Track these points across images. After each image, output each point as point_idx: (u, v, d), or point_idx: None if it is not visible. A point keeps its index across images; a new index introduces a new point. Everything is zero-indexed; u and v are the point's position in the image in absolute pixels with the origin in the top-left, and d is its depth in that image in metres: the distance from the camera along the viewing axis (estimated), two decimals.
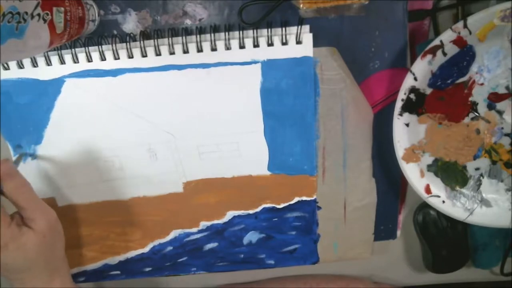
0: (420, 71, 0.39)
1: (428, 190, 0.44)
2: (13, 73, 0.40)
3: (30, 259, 0.37)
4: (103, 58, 0.39)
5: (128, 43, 0.39)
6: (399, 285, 0.58)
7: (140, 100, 0.42)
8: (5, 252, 0.35)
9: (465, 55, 0.38)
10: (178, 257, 0.51)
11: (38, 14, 0.29)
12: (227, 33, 0.38)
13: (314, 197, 0.47)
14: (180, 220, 0.49)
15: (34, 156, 0.44)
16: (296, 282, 0.56)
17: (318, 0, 0.37)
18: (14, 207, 0.37)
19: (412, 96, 0.40)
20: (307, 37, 0.39)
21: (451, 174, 0.44)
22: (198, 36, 0.39)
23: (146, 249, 0.50)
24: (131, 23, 0.40)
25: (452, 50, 0.38)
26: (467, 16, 0.36)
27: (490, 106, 0.40)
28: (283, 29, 0.38)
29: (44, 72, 0.40)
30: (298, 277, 0.56)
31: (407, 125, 0.42)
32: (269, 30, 0.39)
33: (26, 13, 0.27)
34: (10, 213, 0.37)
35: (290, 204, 0.48)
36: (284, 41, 0.39)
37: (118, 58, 0.39)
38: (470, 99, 0.40)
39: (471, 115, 0.41)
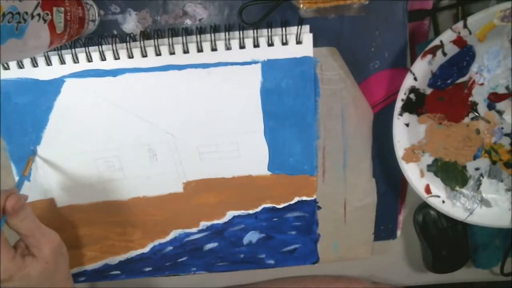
0: (420, 71, 0.39)
1: (428, 190, 0.44)
2: (13, 73, 0.40)
3: (33, 286, 0.37)
4: (103, 58, 0.39)
5: (128, 43, 0.39)
6: (399, 285, 0.58)
7: (140, 100, 0.42)
8: (10, 283, 0.36)
9: (465, 55, 0.38)
10: (178, 257, 0.51)
11: (38, 14, 0.29)
12: (227, 33, 0.38)
13: (314, 197, 0.47)
14: (180, 220, 0.49)
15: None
16: (295, 284, 0.56)
17: (318, 0, 0.37)
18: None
19: (412, 96, 0.40)
20: (307, 37, 0.39)
21: (451, 174, 0.44)
22: (198, 36, 0.39)
23: (146, 249, 0.50)
24: (131, 23, 0.40)
25: (452, 50, 0.38)
26: (467, 16, 0.36)
27: (490, 106, 0.40)
28: (283, 29, 0.38)
29: (44, 72, 0.40)
30: (297, 279, 0.56)
31: (407, 125, 0.42)
32: (269, 30, 0.39)
33: (26, 13, 0.27)
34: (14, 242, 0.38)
35: (290, 204, 0.48)
36: (284, 41, 0.39)
37: (118, 58, 0.39)
38: (470, 99, 0.41)
39: (471, 115, 0.41)
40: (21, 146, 0.44)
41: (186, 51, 0.39)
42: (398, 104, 0.41)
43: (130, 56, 0.39)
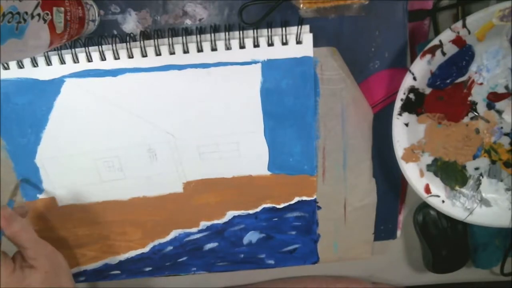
0: (419, 71, 0.39)
1: (427, 189, 0.44)
2: (13, 73, 0.40)
3: None
4: (103, 58, 0.39)
5: (128, 43, 0.39)
6: (399, 285, 0.58)
7: (140, 100, 0.42)
8: None
9: (464, 54, 0.38)
10: (178, 257, 0.51)
11: (38, 14, 0.29)
12: (227, 33, 0.39)
13: (314, 197, 0.47)
14: (180, 220, 0.49)
15: (37, 187, 0.46)
16: (295, 284, 0.56)
17: (318, 0, 0.37)
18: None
19: (411, 96, 0.40)
20: (307, 37, 0.39)
21: (451, 173, 0.44)
22: (198, 36, 0.39)
23: (146, 249, 0.50)
24: (131, 23, 0.40)
25: (451, 49, 0.38)
26: (467, 16, 0.36)
27: (490, 106, 0.40)
28: (283, 29, 0.38)
29: (44, 72, 0.40)
30: (298, 279, 0.56)
31: (407, 125, 0.42)
32: (269, 30, 0.39)
33: (26, 13, 0.27)
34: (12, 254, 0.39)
35: (290, 204, 0.48)
36: (284, 41, 0.39)
37: (118, 58, 0.39)
38: (469, 98, 0.41)
39: (471, 114, 0.41)
40: (21, 146, 0.44)
41: (186, 51, 0.39)
42: (398, 104, 0.41)
43: (130, 56, 0.39)
